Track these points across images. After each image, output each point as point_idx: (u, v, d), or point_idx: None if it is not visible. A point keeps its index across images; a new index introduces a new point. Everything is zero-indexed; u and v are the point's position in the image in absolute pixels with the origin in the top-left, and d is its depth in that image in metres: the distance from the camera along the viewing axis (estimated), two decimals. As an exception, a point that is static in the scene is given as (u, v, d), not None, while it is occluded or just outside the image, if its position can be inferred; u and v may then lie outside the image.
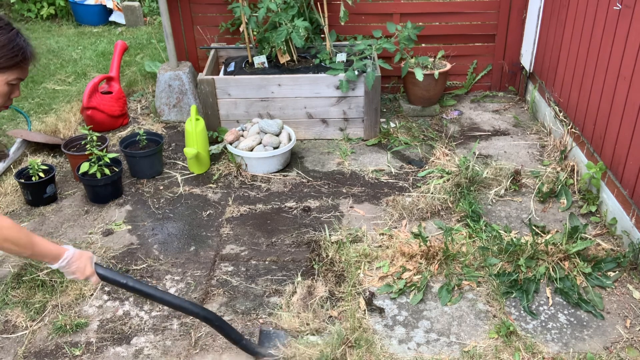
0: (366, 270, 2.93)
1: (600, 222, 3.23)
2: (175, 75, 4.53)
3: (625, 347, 2.47)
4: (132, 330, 2.63)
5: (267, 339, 2.52)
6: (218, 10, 4.71)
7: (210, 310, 2.36)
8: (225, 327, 2.33)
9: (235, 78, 4.05)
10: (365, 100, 4.07)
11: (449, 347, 2.50)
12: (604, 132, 3.28)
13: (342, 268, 2.93)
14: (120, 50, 4.59)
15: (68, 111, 4.62)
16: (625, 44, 3.02)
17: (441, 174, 3.66)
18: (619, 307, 2.68)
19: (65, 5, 7.23)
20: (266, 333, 2.55)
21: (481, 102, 4.77)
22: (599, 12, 3.34)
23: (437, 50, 4.68)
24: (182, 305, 2.23)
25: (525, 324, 2.61)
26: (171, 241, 3.22)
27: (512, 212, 3.38)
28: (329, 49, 4.29)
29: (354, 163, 3.95)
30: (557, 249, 2.91)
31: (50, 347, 2.55)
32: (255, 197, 3.60)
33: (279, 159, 3.83)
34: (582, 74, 3.58)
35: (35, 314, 2.70)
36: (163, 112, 4.60)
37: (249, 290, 2.84)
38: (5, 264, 3.02)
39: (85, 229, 3.32)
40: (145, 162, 3.76)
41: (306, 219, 3.38)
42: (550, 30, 4.14)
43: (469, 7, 4.60)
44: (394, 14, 4.60)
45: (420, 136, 4.23)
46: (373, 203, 3.50)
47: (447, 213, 3.37)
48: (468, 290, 2.80)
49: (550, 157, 3.89)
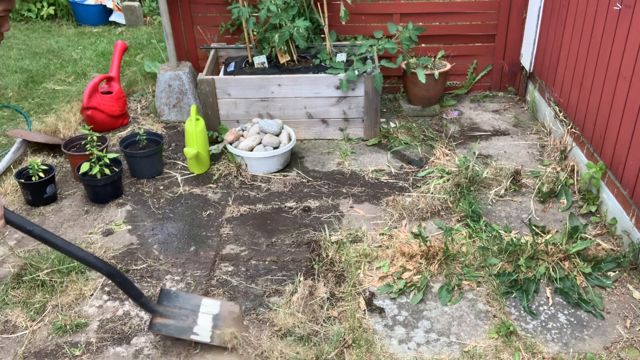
0: (366, 270, 2.93)
1: (600, 222, 3.23)
2: (175, 75, 4.53)
3: (625, 347, 2.47)
4: (132, 330, 2.63)
5: (166, 298, 2.58)
6: (218, 10, 4.71)
7: (113, 267, 2.40)
8: (127, 284, 2.39)
9: (235, 78, 4.05)
10: (365, 100, 4.07)
11: (449, 347, 2.50)
12: (604, 132, 3.28)
13: (342, 268, 2.93)
14: (120, 50, 4.60)
15: (68, 111, 4.62)
16: (625, 44, 3.02)
17: (441, 174, 3.66)
18: (619, 307, 2.68)
19: (65, 5, 7.23)
20: (166, 292, 2.61)
21: (481, 102, 4.77)
22: (599, 12, 3.34)
23: (437, 50, 4.68)
24: (85, 259, 2.26)
25: (525, 324, 2.61)
26: (171, 241, 3.22)
27: (512, 212, 3.38)
28: (329, 49, 4.29)
29: (354, 163, 3.95)
30: (557, 249, 2.91)
31: (50, 347, 2.55)
32: (255, 197, 3.60)
33: (279, 159, 3.83)
34: (582, 74, 3.58)
35: (35, 314, 2.70)
36: (163, 112, 4.60)
37: (249, 290, 2.84)
38: (6, 264, 3.02)
39: (85, 229, 3.32)
40: (145, 162, 3.76)
41: (306, 219, 3.38)
42: (550, 30, 4.14)
43: (469, 7, 4.60)
44: (394, 14, 4.60)
45: (420, 136, 4.23)
46: (373, 203, 3.50)
47: (447, 213, 3.37)
48: (468, 290, 2.80)
49: (550, 157, 3.89)
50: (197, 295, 2.71)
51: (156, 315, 2.49)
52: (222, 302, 2.67)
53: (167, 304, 2.55)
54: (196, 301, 2.63)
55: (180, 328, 2.48)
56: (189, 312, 2.56)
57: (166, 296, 2.59)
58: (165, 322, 2.48)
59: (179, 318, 2.52)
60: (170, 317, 2.51)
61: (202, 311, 2.58)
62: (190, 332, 2.48)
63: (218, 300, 2.68)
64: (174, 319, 2.51)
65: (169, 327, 2.48)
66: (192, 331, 2.48)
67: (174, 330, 2.47)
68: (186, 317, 2.53)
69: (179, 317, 2.52)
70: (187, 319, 2.52)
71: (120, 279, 2.36)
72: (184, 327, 2.49)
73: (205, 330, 2.50)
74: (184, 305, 2.58)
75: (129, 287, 2.40)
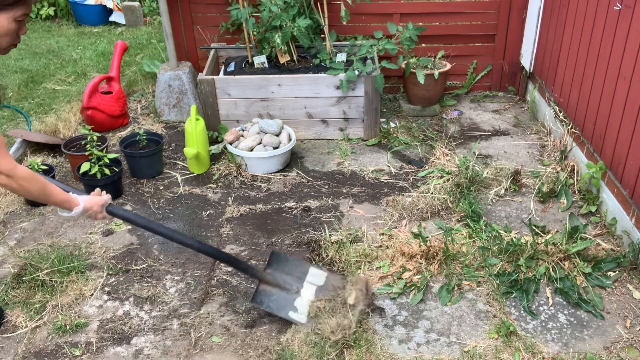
0: (366, 270, 2.93)
1: (600, 222, 3.23)
2: (175, 75, 4.53)
3: (625, 347, 2.47)
4: (132, 330, 2.63)
5: (276, 261, 2.69)
6: (218, 10, 4.71)
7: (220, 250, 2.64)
8: (233, 260, 2.59)
9: (235, 78, 4.05)
10: (365, 100, 4.07)
11: (449, 347, 2.50)
12: (604, 132, 3.28)
13: (342, 268, 2.93)
14: (120, 50, 4.60)
15: (68, 111, 4.62)
16: (625, 44, 3.02)
17: (441, 174, 3.66)
18: (619, 307, 2.68)
19: (65, 5, 7.23)
20: (277, 254, 2.72)
21: (481, 102, 4.77)
22: (599, 12, 3.34)
23: (437, 50, 4.68)
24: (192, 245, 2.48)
25: (525, 324, 2.61)
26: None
27: (512, 212, 3.38)
28: (329, 49, 4.29)
29: (354, 163, 3.95)
30: (557, 249, 2.91)
31: (50, 347, 2.55)
32: (255, 197, 3.60)
33: (279, 159, 3.83)
34: (582, 74, 3.58)
35: (35, 314, 2.70)
36: (163, 112, 4.60)
37: (249, 290, 2.84)
38: (6, 264, 3.03)
39: (85, 229, 3.32)
40: (145, 162, 3.76)
41: (306, 219, 3.38)
42: (550, 30, 4.14)
43: (469, 7, 4.60)
44: (394, 14, 4.60)
45: (420, 136, 4.23)
46: (373, 203, 3.50)
47: (447, 213, 3.37)
48: (468, 290, 2.80)
49: (550, 157, 3.89)
50: (305, 262, 2.79)
51: (262, 282, 2.59)
52: (329, 275, 2.73)
53: (277, 267, 2.66)
54: (304, 268, 2.69)
55: (281, 304, 2.57)
56: (295, 279, 2.64)
57: (277, 259, 2.69)
58: (269, 290, 2.56)
59: (284, 287, 2.60)
60: (275, 285, 2.58)
61: (308, 280, 2.65)
62: (290, 308, 2.55)
63: (325, 272, 2.74)
64: (278, 287, 2.58)
65: (271, 299, 2.57)
66: (293, 305, 2.56)
67: (274, 306, 2.56)
68: (291, 285, 2.60)
69: (284, 285, 2.60)
70: (291, 288, 2.59)
71: (227, 258, 2.58)
72: (285, 301, 2.57)
73: (305, 305, 2.57)
74: (291, 271, 2.66)
75: (237, 263, 2.59)
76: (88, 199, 2.26)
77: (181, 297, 2.81)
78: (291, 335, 2.53)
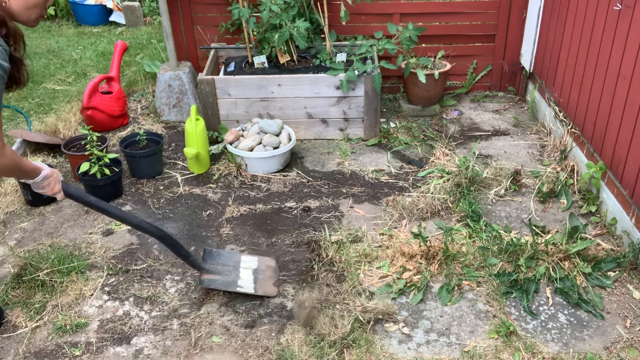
0: (366, 270, 2.93)
1: (600, 222, 3.23)
2: (175, 75, 4.53)
3: (625, 347, 2.47)
4: (132, 330, 2.63)
5: (209, 257, 2.84)
6: (218, 10, 4.71)
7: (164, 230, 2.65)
8: (177, 245, 2.64)
9: (235, 78, 4.05)
10: (365, 100, 4.07)
11: (449, 347, 2.50)
12: (604, 132, 3.28)
13: (342, 268, 2.93)
14: (120, 50, 4.60)
15: (68, 111, 4.62)
16: (625, 44, 3.02)
17: (441, 174, 3.66)
18: (619, 307, 2.68)
19: (65, 5, 7.23)
20: (209, 251, 2.87)
21: (481, 102, 4.77)
22: (599, 12, 3.34)
23: (437, 50, 4.68)
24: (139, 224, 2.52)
25: (525, 324, 2.61)
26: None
27: (512, 212, 3.38)
28: (329, 49, 4.29)
29: (354, 163, 3.95)
30: (557, 249, 2.91)
31: (50, 347, 2.55)
32: (255, 197, 3.60)
33: (279, 159, 3.83)
34: (582, 74, 3.58)
35: (35, 314, 2.70)
36: (163, 112, 4.60)
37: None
38: (6, 264, 3.03)
39: (85, 229, 3.32)
40: (145, 162, 3.76)
41: (306, 219, 3.38)
42: (550, 30, 4.14)
43: (469, 7, 4.60)
44: (394, 14, 4.60)
45: (420, 136, 4.23)
46: (373, 203, 3.50)
47: (447, 213, 3.37)
48: (468, 290, 2.80)
49: (550, 157, 3.89)
50: (236, 253, 2.99)
51: (203, 272, 2.75)
52: (260, 257, 2.95)
53: (211, 262, 2.82)
54: (236, 258, 2.90)
55: (226, 282, 2.75)
56: (231, 268, 2.83)
57: (209, 255, 2.85)
58: (212, 277, 2.75)
59: (224, 274, 2.78)
60: (216, 273, 2.77)
61: (243, 266, 2.85)
62: (236, 285, 2.75)
63: (255, 256, 2.96)
64: (219, 274, 2.77)
65: (217, 282, 2.74)
66: (237, 284, 2.75)
67: (221, 285, 2.74)
68: (229, 272, 2.80)
69: (223, 272, 2.79)
70: (230, 274, 2.79)
71: (170, 241, 2.62)
72: (229, 281, 2.76)
73: (249, 282, 2.78)
74: (226, 262, 2.85)
75: (178, 248, 2.65)
76: (51, 169, 2.29)
77: (181, 297, 2.81)
78: (291, 336, 2.53)
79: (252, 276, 2.82)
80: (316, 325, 2.54)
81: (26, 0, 1.93)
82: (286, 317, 2.67)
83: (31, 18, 2.00)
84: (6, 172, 2.09)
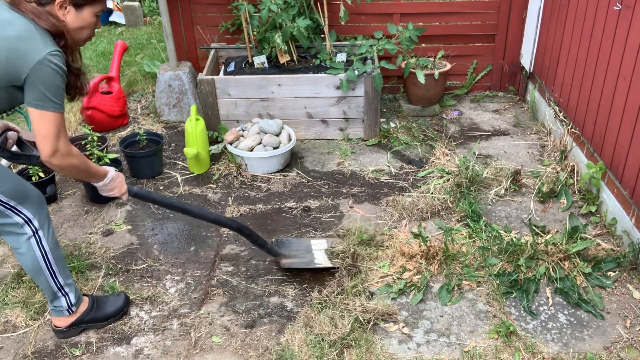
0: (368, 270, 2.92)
1: (600, 222, 3.23)
2: (175, 75, 4.53)
3: (625, 347, 2.47)
4: (132, 330, 2.63)
5: (282, 246, 3.03)
6: (218, 10, 4.71)
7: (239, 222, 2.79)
8: (254, 235, 2.81)
9: (235, 78, 4.05)
10: (365, 100, 4.07)
11: (449, 347, 2.50)
12: (604, 132, 3.28)
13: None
14: (120, 50, 4.60)
15: (68, 111, 4.62)
16: (625, 44, 3.02)
17: (441, 174, 3.66)
18: (619, 307, 2.68)
19: (65, 5, 7.22)
20: (281, 240, 3.08)
21: (481, 102, 4.77)
22: (599, 12, 3.34)
23: (437, 50, 4.68)
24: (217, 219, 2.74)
25: (525, 324, 2.61)
26: (171, 241, 3.22)
27: (512, 212, 3.38)
28: (329, 49, 4.29)
29: (354, 163, 3.95)
30: (557, 249, 2.91)
31: (50, 347, 2.55)
32: (255, 197, 3.60)
33: (279, 159, 3.83)
34: (582, 74, 3.58)
35: (35, 314, 2.70)
36: (163, 112, 4.60)
37: (249, 290, 2.84)
38: (6, 264, 3.03)
39: (85, 229, 3.32)
40: (145, 162, 3.76)
41: (306, 219, 3.38)
42: (550, 30, 4.14)
43: (469, 7, 4.60)
44: (394, 14, 4.60)
45: (420, 136, 4.23)
46: (373, 203, 3.50)
47: (447, 213, 3.37)
48: (468, 290, 2.80)
49: (550, 157, 3.89)
50: (305, 239, 3.15)
51: (281, 257, 2.91)
52: (327, 239, 3.12)
53: (286, 249, 2.99)
54: (307, 243, 3.08)
55: (304, 262, 2.91)
56: (304, 251, 3.00)
57: (282, 244, 3.05)
58: (290, 260, 2.90)
59: (299, 257, 2.95)
60: (293, 257, 2.93)
61: (315, 249, 3.02)
62: (313, 263, 2.90)
63: (324, 239, 3.12)
64: (296, 258, 2.93)
65: (296, 263, 2.90)
66: (315, 263, 2.91)
67: (300, 264, 2.90)
68: (304, 255, 2.97)
69: (298, 256, 2.96)
70: (306, 256, 2.96)
71: (248, 232, 2.78)
72: (306, 261, 2.92)
73: (324, 259, 2.93)
74: (298, 247, 3.03)
75: (255, 238, 2.81)
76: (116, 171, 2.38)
77: (181, 297, 2.81)
78: (291, 336, 2.53)
79: (325, 254, 2.98)
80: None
81: (81, 21, 2.14)
82: (286, 317, 2.67)
83: (81, 38, 2.18)
84: (75, 173, 2.20)
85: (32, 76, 1.97)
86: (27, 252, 2.32)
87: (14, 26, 1.99)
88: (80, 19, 2.14)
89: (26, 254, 2.33)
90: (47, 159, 2.07)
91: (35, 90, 1.99)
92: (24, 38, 1.97)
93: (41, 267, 2.36)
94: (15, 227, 2.27)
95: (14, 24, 1.99)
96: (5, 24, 1.99)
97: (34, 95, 2.00)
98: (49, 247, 2.36)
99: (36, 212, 2.30)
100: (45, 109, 2.00)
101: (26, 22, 2.01)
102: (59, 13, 2.09)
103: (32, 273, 2.39)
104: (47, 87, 1.99)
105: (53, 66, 1.99)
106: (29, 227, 2.28)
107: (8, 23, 1.99)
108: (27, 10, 2.03)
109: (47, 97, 2.00)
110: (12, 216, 2.24)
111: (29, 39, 1.97)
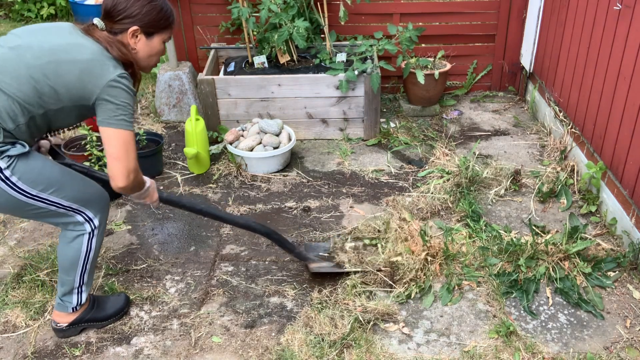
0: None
1: (600, 222, 3.23)
2: (175, 75, 4.53)
3: (625, 347, 2.47)
4: (132, 330, 2.63)
5: (310, 250, 3.03)
6: (218, 10, 4.71)
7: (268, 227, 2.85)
8: (282, 240, 2.84)
9: (235, 78, 4.05)
10: (365, 100, 4.07)
11: (449, 347, 2.50)
12: (604, 132, 3.28)
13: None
14: (120, 50, 4.59)
15: (68, 111, 4.62)
16: (625, 44, 3.02)
17: (441, 174, 3.66)
18: (619, 307, 2.68)
19: (65, 5, 7.23)
20: (308, 244, 3.08)
21: (481, 102, 4.77)
22: (599, 12, 3.34)
23: (437, 50, 4.68)
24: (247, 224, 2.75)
25: (525, 324, 2.61)
26: (171, 241, 3.22)
27: (512, 212, 3.38)
28: (329, 49, 4.29)
29: (354, 163, 3.95)
30: (557, 249, 2.91)
31: (50, 347, 2.55)
32: (255, 197, 3.60)
33: (279, 159, 3.83)
34: (582, 74, 3.58)
35: (35, 314, 2.70)
36: (163, 112, 4.60)
37: (249, 290, 2.84)
38: (6, 264, 3.03)
39: (85, 229, 3.32)
40: (145, 162, 3.76)
41: (306, 219, 3.38)
42: (550, 30, 4.14)
43: (469, 7, 4.60)
44: (393, 14, 4.60)
45: (420, 136, 4.23)
46: (373, 203, 3.50)
47: (447, 213, 3.37)
48: (468, 290, 2.80)
49: (550, 157, 3.89)
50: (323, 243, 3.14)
51: (309, 261, 2.90)
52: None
53: (314, 253, 2.99)
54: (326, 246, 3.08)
55: (333, 267, 2.89)
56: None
57: (309, 248, 3.06)
58: (319, 265, 2.90)
59: (328, 260, 2.94)
60: (321, 261, 2.93)
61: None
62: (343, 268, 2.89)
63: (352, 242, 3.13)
64: (325, 261, 2.93)
65: (325, 267, 2.89)
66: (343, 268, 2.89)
67: (329, 269, 2.88)
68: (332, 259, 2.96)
69: (328, 260, 2.95)
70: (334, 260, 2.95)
71: (277, 237, 2.81)
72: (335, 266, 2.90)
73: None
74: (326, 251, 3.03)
75: (284, 243, 2.84)
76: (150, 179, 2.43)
77: (181, 297, 2.81)
78: (291, 336, 2.53)
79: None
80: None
81: (150, 49, 2.25)
82: (286, 317, 2.67)
83: (150, 64, 2.31)
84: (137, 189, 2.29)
85: (103, 96, 2.07)
86: (74, 244, 2.35)
87: (87, 49, 2.09)
88: (150, 47, 2.24)
89: (72, 246, 2.35)
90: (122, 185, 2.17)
91: (107, 110, 2.08)
92: (95, 61, 2.07)
93: (79, 262, 2.39)
94: (75, 225, 2.33)
95: (87, 48, 2.09)
96: (79, 47, 2.09)
97: (105, 114, 2.09)
98: (95, 246, 2.40)
99: (98, 212, 2.37)
100: (116, 127, 2.10)
101: (99, 47, 2.11)
102: (131, 41, 2.19)
103: (66, 264, 2.39)
104: (118, 106, 2.09)
105: (123, 86, 2.09)
106: (89, 225, 2.35)
107: (82, 47, 2.10)
108: (101, 38, 2.14)
109: (117, 115, 2.09)
110: (74, 216, 2.30)
111: (101, 62, 2.08)
